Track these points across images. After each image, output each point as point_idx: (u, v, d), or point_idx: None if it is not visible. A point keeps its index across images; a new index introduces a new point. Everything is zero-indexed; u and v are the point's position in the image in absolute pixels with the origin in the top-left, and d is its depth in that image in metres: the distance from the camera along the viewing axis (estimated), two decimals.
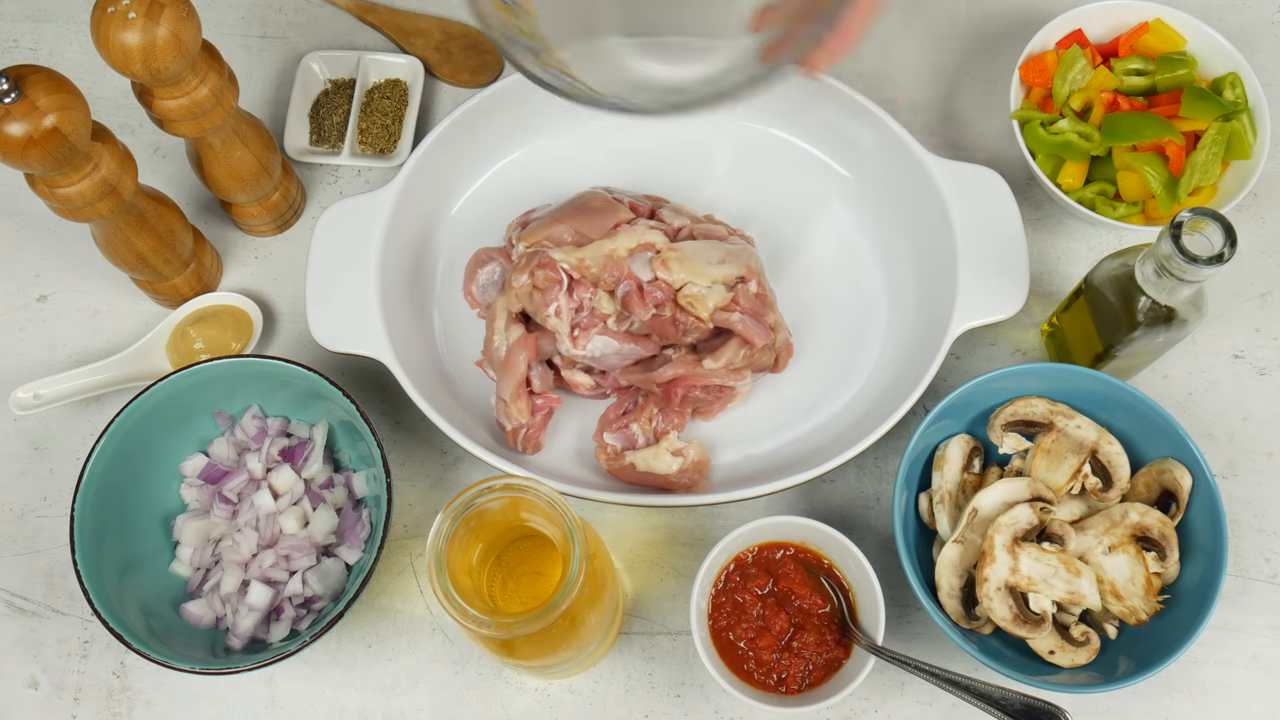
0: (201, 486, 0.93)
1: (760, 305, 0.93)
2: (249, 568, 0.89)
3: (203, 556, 0.91)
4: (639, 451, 0.93)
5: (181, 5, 0.81)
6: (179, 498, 0.93)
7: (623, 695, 0.91)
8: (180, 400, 0.90)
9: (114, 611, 0.83)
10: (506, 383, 0.93)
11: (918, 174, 0.97)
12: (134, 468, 0.90)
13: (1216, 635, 0.91)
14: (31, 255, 1.05)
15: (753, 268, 0.94)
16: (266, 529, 0.90)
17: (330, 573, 0.90)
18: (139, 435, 0.89)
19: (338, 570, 0.90)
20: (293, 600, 0.89)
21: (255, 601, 0.88)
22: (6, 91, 0.76)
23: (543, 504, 0.72)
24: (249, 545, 0.90)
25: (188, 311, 1.01)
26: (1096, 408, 0.89)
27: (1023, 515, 0.85)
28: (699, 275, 0.92)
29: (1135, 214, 0.98)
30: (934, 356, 0.91)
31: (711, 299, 0.91)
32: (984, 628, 0.86)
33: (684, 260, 0.92)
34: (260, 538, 0.90)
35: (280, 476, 0.91)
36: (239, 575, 0.89)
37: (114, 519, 0.88)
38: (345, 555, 0.91)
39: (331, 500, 0.92)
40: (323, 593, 0.89)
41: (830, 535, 0.85)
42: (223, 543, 0.91)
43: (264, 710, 0.91)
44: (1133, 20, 1.03)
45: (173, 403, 0.90)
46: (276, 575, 0.89)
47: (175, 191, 1.05)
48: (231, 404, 0.94)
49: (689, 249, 0.92)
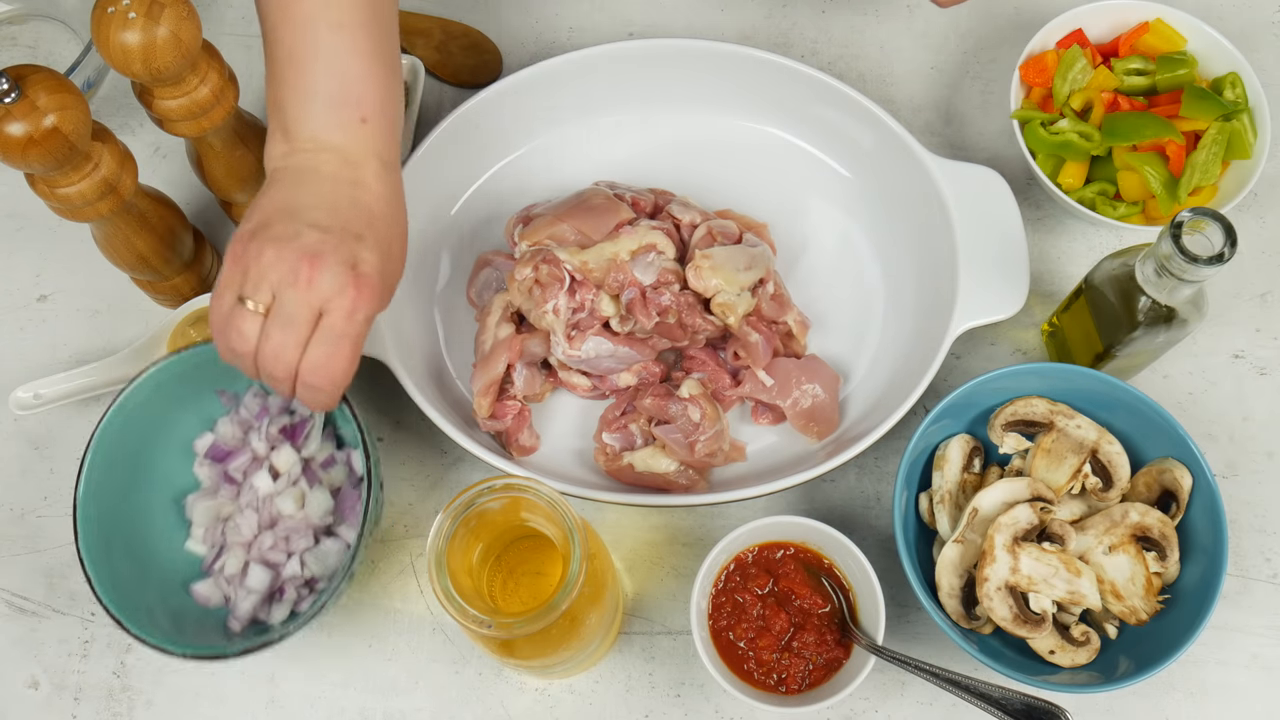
0: (211, 465, 0.93)
1: (778, 307, 0.95)
2: (251, 549, 0.89)
3: (214, 536, 0.91)
4: (637, 452, 0.93)
5: (181, 5, 0.81)
6: (193, 476, 0.92)
7: (623, 695, 0.91)
8: (187, 380, 0.89)
9: (113, 593, 0.83)
10: (479, 378, 0.93)
11: (918, 174, 0.97)
12: (143, 444, 0.89)
13: (1216, 635, 0.91)
14: (31, 255, 1.05)
15: (770, 269, 0.95)
16: (265, 510, 0.89)
17: (329, 554, 0.89)
18: (145, 415, 0.89)
19: (337, 550, 0.89)
20: (293, 582, 0.88)
21: (254, 584, 0.87)
22: (6, 91, 0.76)
23: (543, 504, 0.72)
24: (250, 527, 0.89)
25: (188, 311, 1.00)
26: (1097, 408, 0.89)
27: (1023, 515, 0.85)
28: (730, 283, 0.92)
29: (1135, 214, 0.98)
30: (934, 356, 0.91)
31: (741, 306, 0.92)
32: (984, 628, 0.86)
33: (716, 268, 0.92)
34: (260, 519, 0.89)
35: (281, 455, 0.90)
36: (242, 557, 0.89)
37: (122, 496, 0.87)
38: (345, 535, 0.90)
39: (328, 481, 0.91)
40: (321, 574, 0.89)
41: (830, 535, 0.85)
42: (228, 523, 0.91)
43: (264, 710, 0.91)
44: (1133, 20, 1.03)
45: (178, 382, 0.89)
46: (275, 557, 0.88)
47: (175, 191, 1.04)
48: (236, 382, 0.93)
49: (720, 256, 0.93)
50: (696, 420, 0.91)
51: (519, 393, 0.94)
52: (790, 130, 1.05)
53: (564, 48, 1.05)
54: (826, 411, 0.94)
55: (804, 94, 1.01)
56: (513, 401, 0.94)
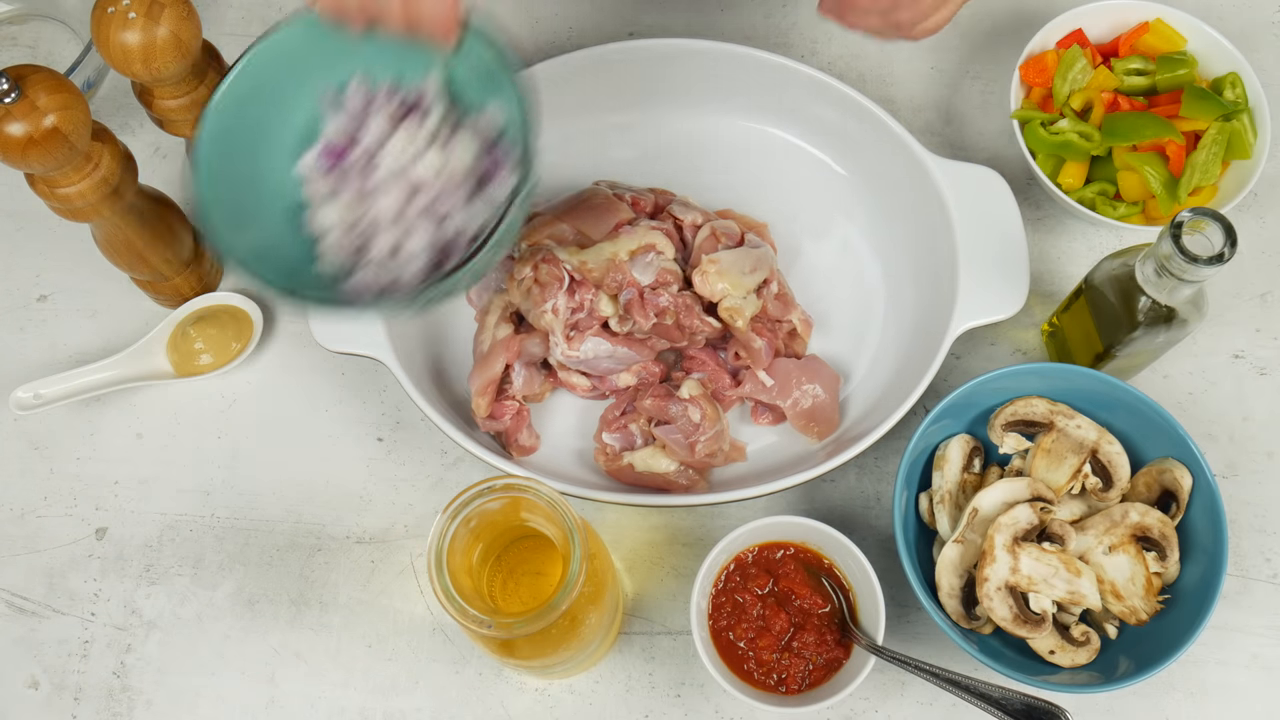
0: (326, 173, 0.83)
1: (782, 306, 0.95)
2: (399, 222, 0.81)
3: (350, 239, 0.82)
4: (637, 452, 0.93)
5: (181, 5, 0.81)
6: (300, 195, 0.84)
7: (623, 695, 0.91)
8: (289, 76, 0.82)
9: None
10: (477, 377, 0.93)
11: (918, 174, 0.97)
12: (251, 147, 0.82)
13: (1216, 635, 0.91)
14: (31, 255, 1.05)
15: (774, 269, 0.96)
16: (405, 179, 0.81)
17: (486, 207, 0.81)
18: (252, 112, 0.81)
19: (494, 205, 0.81)
20: (458, 245, 0.81)
21: (415, 248, 0.80)
22: (6, 91, 0.76)
23: (543, 504, 0.72)
24: (392, 201, 0.81)
25: (188, 311, 1.01)
26: (1097, 408, 0.89)
27: (1023, 515, 0.85)
28: (737, 286, 0.93)
29: (1135, 214, 0.98)
30: (934, 356, 0.91)
31: (748, 309, 0.93)
32: (984, 628, 0.86)
33: (723, 272, 0.92)
34: (401, 189, 0.81)
35: (401, 135, 0.82)
36: (392, 235, 0.81)
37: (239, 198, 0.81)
38: (497, 192, 0.81)
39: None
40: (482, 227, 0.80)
41: (830, 535, 0.85)
42: (364, 215, 0.82)
43: (264, 710, 0.91)
44: (1133, 20, 1.03)
45: (284, 75, 0.82)
46: (431, 217, 0.81)
47: (175, 191, 1.04)
48: (336, 71, 0.83)
49: (727, 260, 0.93)
50: (697, 421, 0.91)
51: (518, 393, 0.94)
52: (790, 130, 1.05)
53: (564, 48, 1.05)
54: (827, 412, 0.94)
55: (804, 94, 1.01)
56: (511, 401, 0.94)
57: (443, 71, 0.82)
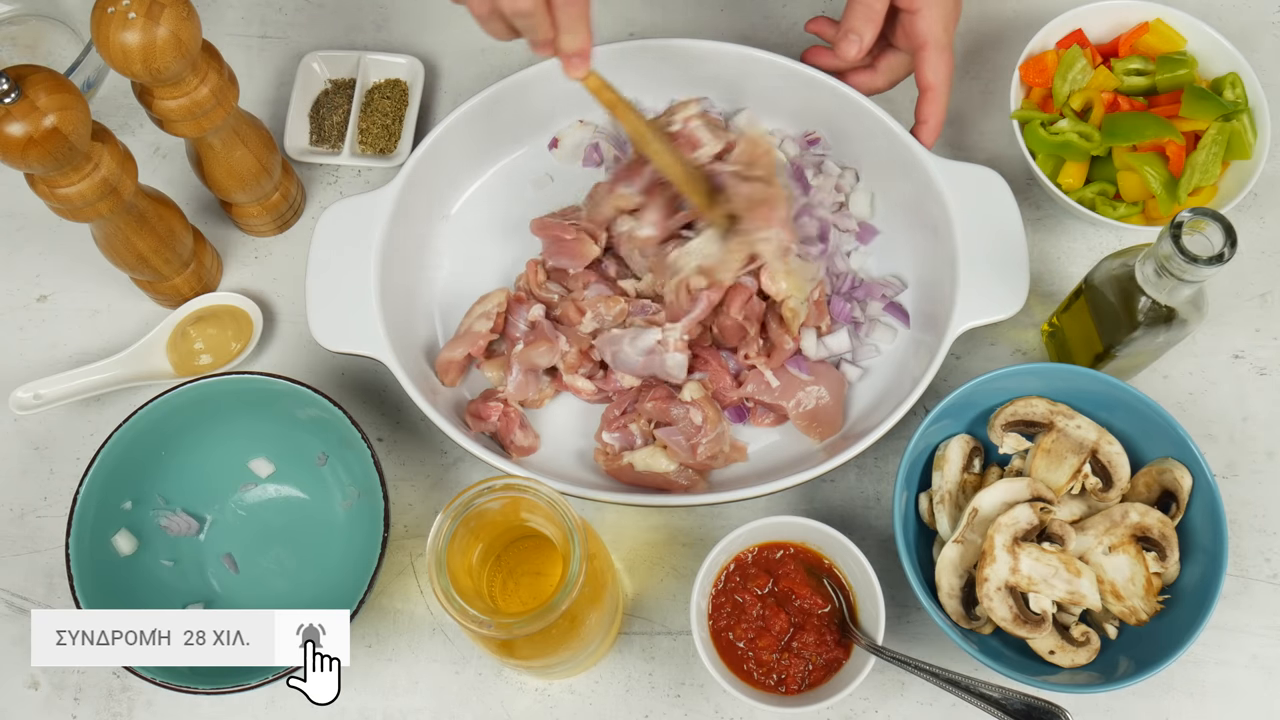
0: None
1: (818, 311, 0.96)
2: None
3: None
4: (637, 451, 0.93)
5: (181, 5, 0.81)
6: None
7: (623, 695, 0.91)
8: (174, 419, 0.91)
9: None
10: (443, 353, 0.96)
11: (918, 174, 0.97)
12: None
13: (1216, 635, 0.91)
14: (31, 255, 1.05)
15: (820, 278, 0.97)
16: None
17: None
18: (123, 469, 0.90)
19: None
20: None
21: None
22: (6, 91, 0.76)
23: (543, 504, 0.72)
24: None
25: (188, 311, 1.01)
26: (1096, 408, 0.89)
27: (1023, 515, 0.85)
28: (799, 290, 0.93)
29: (1135, 214, 0.98)
30: (934, 356, 0.91)
31: (803, 314, 0.94)
32: (984, 628, 0.86)
33: (790, 274, 0.93)
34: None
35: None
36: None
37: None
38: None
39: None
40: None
41: (830, 535, 0.85)
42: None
43: (264, 710, 0.91)
44: (1133, 20, 1.03)
45: (166, 422, 0.90)
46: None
47: (175, 191, 1.04)
48: (231, 421, 0.92)
49: (795, 263, 0.94)
50: (698, 424, 0.91)
51: (511, 397, 0.94)
52: (790, 130, 1.05)
53: None
54: (831, 413, 0.94)
55: (804, 94, 1.01)
56: (495, 403, 0.94)
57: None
